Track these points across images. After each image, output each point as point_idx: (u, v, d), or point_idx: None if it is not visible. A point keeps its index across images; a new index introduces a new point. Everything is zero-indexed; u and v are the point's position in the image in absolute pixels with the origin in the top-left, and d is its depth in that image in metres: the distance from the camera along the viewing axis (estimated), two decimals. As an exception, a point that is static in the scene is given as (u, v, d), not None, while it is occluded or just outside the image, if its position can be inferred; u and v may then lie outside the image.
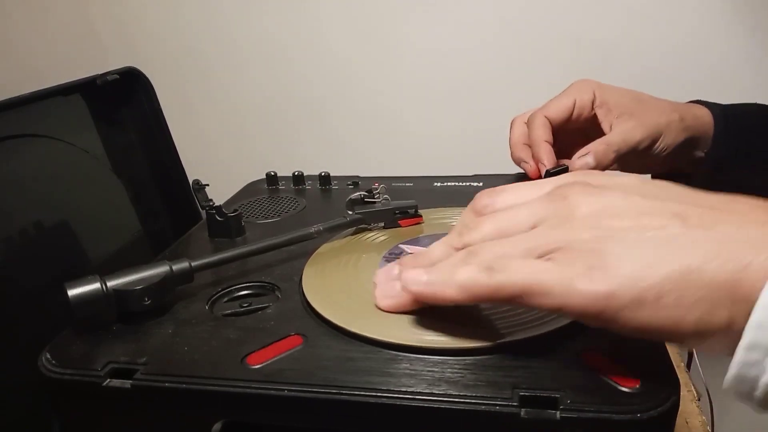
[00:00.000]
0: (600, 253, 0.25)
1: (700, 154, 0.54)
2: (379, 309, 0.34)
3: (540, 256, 0.27)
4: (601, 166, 0.51)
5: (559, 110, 0.53)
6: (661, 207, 0.26)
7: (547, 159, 0.52)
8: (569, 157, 0.56)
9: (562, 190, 0.29)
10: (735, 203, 0.26)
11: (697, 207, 0.26)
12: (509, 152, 0.56)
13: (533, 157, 0.53)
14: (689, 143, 0.52)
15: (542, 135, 0.52)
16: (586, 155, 0.50)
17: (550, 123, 0.53)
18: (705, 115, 0.53)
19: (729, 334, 0.23)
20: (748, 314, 0.22)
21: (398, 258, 0.40)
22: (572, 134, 0.55)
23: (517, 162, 0.55)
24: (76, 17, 0.88)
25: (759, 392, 0.23)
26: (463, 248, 0.30)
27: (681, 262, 0.23)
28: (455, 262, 0.29)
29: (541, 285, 0.26)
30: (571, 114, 0.53)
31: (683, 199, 0.27)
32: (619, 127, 0.51)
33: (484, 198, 0.32)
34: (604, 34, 0.74)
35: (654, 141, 0.51)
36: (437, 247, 0.33)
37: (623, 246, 0.25)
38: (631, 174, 0.50)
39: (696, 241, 0.24)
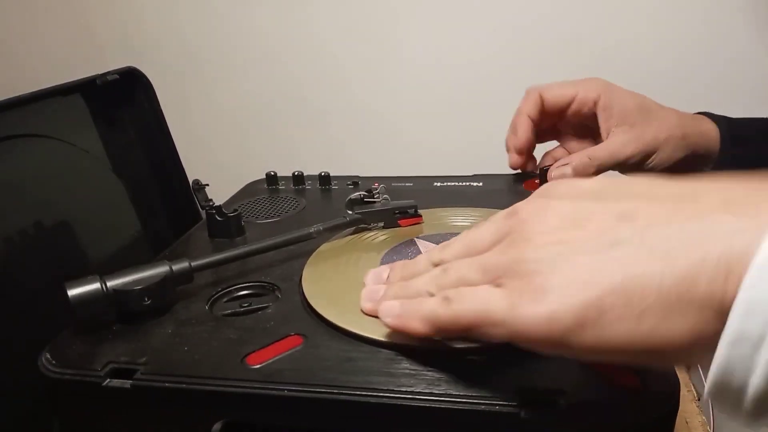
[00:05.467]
0: (541, 273, 0.23)
1: (705, 169, 0.53)
2: (361, 310, 0.33)
3: (493, 280, 0.26)
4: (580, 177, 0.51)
5: (556, 95, 0.53)
6: (606, 209, 0.24)
7: (521, 130, 0.52)
8: (568, 143, 0.57)
9: (516, 206, 0.28)
10: (699, 188, 0.23)
11: (652, 201, 0.23)
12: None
13: (510, 124, 0.54)
14: (692, 159, 0.52)
15: (528, 109, 0.53)
16: (564, 166, 0.51)
17: (543, 103, 0.53)
18: (711, 130, 0.52)
19: (696, 341, 0.20)
20: (715, 316, 0.19)
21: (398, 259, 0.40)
22: (573, 124, 0.55)
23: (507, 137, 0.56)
24: (76, 18, 0.88)
25: (749, 397, 0.19)
26: (439, 263, 0.31)
27: (623, 271, 0.21)
28: (423, 285, 0.30)
29: (489, 314, 0.24)
30: (569, 105, 0.53)
31: (641, 193, 0.24)
32: (612, 139, 0.51)
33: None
34: (606, 37, 0.74)
35: (647, 156, 0.50)
36: (421, 260, 0.33)
37: (563, 262, 0.23)
38: (601, 175, 0.50)
39: (642, 244, 0.21)
